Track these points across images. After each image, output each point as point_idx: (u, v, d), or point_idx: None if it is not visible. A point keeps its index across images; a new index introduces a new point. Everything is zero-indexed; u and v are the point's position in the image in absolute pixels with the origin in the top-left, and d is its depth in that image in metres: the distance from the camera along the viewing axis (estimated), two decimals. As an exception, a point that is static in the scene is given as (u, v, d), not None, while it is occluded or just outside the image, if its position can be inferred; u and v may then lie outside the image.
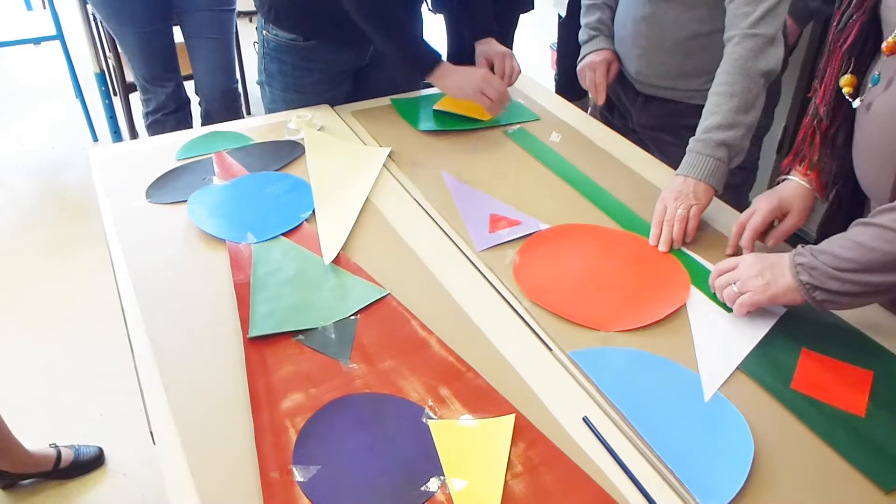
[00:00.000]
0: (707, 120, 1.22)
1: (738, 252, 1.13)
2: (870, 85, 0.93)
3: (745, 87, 1.21)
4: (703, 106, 1.26)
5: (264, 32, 1.64)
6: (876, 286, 0.86)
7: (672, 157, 1.45)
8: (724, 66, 1.24)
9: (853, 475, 0.80)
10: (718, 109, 1.21)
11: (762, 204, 1.11)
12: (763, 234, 1.12)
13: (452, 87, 1.50)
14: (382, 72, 1.71)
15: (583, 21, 1.60)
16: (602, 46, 1.56)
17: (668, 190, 1.20)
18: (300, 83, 1.65)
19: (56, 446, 1.76)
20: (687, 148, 1.24)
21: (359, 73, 1.72)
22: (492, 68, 1.60)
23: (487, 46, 1.63)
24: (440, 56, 1.49)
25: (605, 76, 1.54)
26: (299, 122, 1.50)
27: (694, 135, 1.25)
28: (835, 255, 0.88)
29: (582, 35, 1.61)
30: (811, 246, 0.91)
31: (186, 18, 2.33)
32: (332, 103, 1.66)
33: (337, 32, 1.56)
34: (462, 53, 3.01)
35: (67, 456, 1.75)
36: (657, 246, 1.16)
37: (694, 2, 1.36)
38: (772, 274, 0.94)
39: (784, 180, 1.13)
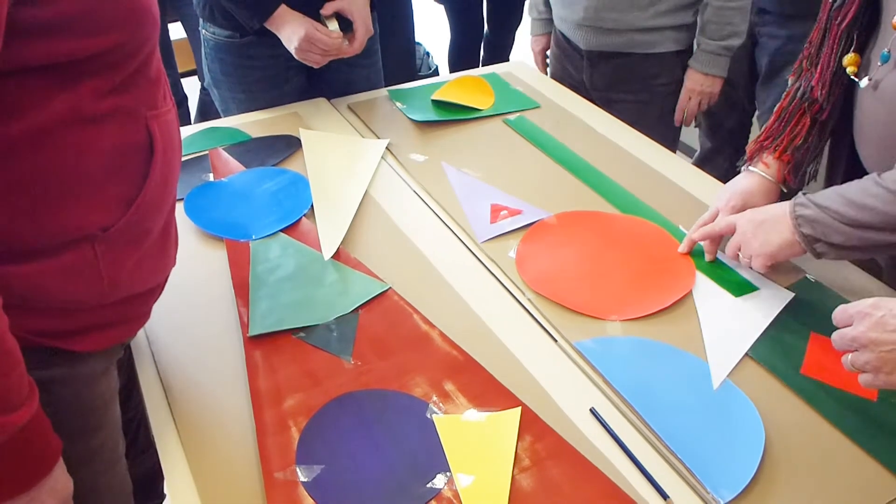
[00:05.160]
0: (724, 30, 1.55)
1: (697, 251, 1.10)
2: (878, 63, 0.91)
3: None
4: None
5: (204, 32, 1.55)
6: (876, 242, 0.88)
7: (630, 115, 1.56)
8: None
9: (865, 460, 0.79)
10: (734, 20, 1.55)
11: (725, 204, 1.06)
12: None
13: (284, 39, 1.43)
14: (336, 60, 1.55)
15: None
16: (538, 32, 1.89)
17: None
18: (246, 82, 1.56)
19: None
20: (706, 47, 1.58)
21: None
22: (346, 23, 1.47)
23: None
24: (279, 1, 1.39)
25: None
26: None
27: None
28: (839, 212, 0.88)
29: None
30: (811, 196, 0.92)
31: (188, 12, 2.31)
32: (285, 100, 1.58)
33: None
34: (462, 47, 3.01)
35: None
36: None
37: None
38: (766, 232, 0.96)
39: (745, 170, 1.09)
